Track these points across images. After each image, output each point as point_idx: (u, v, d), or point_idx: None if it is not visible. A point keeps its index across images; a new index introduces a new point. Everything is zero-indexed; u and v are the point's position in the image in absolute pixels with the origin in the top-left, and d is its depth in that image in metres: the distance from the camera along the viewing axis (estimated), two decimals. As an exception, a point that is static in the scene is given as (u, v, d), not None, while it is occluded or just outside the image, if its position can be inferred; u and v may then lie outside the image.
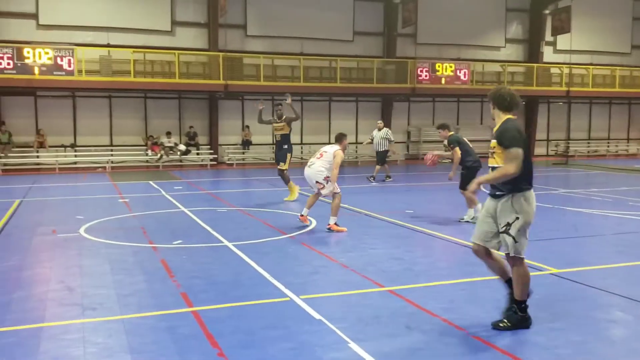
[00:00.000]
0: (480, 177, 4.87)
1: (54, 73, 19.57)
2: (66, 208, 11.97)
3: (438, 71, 24.78)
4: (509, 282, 4.84)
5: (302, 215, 9.58)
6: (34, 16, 21.13)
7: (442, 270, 6.93)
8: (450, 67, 24.99)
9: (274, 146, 14.32)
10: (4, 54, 19.11)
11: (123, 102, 22.49)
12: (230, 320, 5.06)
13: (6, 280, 6.41)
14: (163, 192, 14.16)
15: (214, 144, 23.40)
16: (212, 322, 4.98)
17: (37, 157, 21.01)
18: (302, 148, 24.88)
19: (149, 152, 21.99)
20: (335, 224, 9.07)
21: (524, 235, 4.61)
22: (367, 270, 6.63)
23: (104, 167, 21.12)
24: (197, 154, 22.88)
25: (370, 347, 4.40)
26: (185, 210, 11.26)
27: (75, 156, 21.63)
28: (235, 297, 5.71)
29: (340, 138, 9.40)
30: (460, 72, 25.11)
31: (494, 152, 4.73)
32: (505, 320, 4.74)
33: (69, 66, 19.72)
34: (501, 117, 4.79)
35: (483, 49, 27.70)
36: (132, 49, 21.01)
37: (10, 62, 19.16)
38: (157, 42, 22.34)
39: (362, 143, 21.06)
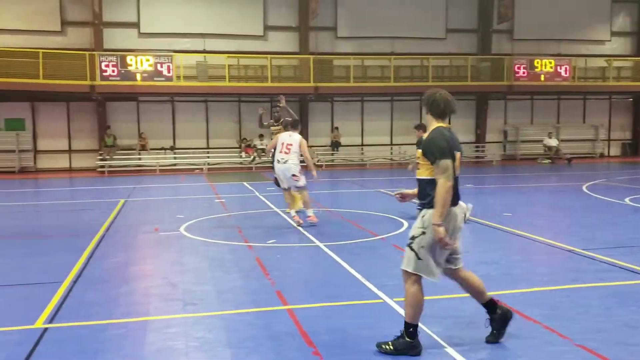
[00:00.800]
0: (434, 215, 4.07)
1: (155, 79, 20.62)
2: (167, 207, 12.54)
3: (537, 68, 23.77)
4: (486, 305, 4.43)
5: (294, 216, 9.80)
6: (136, 25, 22.38)
7: (542, 275, 6.60)
8: (550, 63, 23.89)
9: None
10: (109, 62, 20.38)
11: (218, 106, 23.32)
12: (325, 320, 5.08)
13: (114, 275, 6.80)
14: (256, 193, 14.52)
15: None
16: (307, 320, 5.01)
17: (139, 159, 22.21)
18: (391, 149, 24.72)
19: (243, 154, 22.66)
20: (313, 215, 9.67)
21: (432, 255, 4.12)
22: (463, 274, 6.44)
23: (201, 169, 21.98)
24: (288, 155, 23.23)
25: (467, 352, 4.26)
26: (278, 210, 11.47)
27: (175, 158, 22.67)
28: (329, 296, 5.72)
29: (296, 124, 9.85)
30: (560, 68, 23.95)
31: (418, 163, 4.27)
32: (390, 343, 4.23)
33: (168, 72, 20.71)
34: (432, 125, 4.25)
35: (586, 43, 26.26)
36: (226, 55, 21.74)
37: (115, 69, 20.40)
38: (250, 47, 22.98)
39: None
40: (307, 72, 22.11)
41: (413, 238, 4.17)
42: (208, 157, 22.80)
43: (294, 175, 9.58)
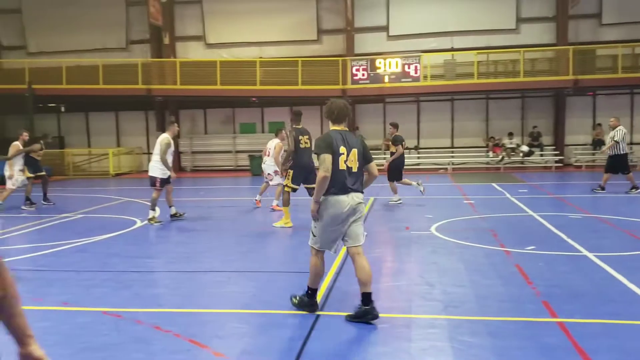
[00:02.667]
0: (313, 196, 5.16)
1: (402, 80, 21.04)
2: (415, 207, 12.64)
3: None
4: (363, 295, 5.07)
5: (273, 205, 11.97)
6: (385, 28, 23.11)
7: None
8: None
9: None
10: (360, 66, 21.38)
11: (464, 104, 22.88)
12: (604, 338, 4.53)
13: (372, 270, 7.01)
14: (507, 195, 13.83)
15: (559, 145, 21.98)
16: (583, 337, 4.53)
17: (384, 158, 22.82)
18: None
19: (490, 153, 21.87)
20: (277, 205, 11.66)
21: (320, 231, 5.13)
22: None
23: (445, 169, 21.80)
24: (541, 155, 21.80)
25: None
26: (534, 214, 10.73)
27: (418, 158, 22.87)
28: (606, 313, 5.11)
29: (276, 132, 12.08)
30: None
31: None
32: (297, 297, 5.36)
33: (415, 73, 20.94)
34: (330, 128, 5.25)
35: None
36: (475, 51, 21.19)
37: (365, 73, 21.32)
38: (500, 41, 22.06)
39: None
40: (565, 65, 20.41)
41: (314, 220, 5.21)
42: (452, 156, 22.52)
43: (269, 174, 12.12)
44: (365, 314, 5.01)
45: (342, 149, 5.02)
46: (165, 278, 6.76)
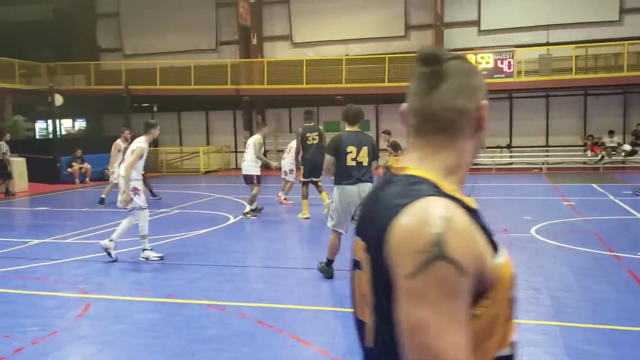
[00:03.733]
0: None
1: (494, 76, 20.33)
2: (511, 208, 12.18)
3: None
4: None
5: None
6: (476, 23, 22.44)
7: None
8: None
9: None
10: (450, 62, 20.88)
11: (560, 101, 21.81)
12: None
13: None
14: (610, 197, 13.02)
15: (666, 144, 20.50)
16: None
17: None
18: None
19: (589, 152, 20.73)
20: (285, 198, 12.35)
21: (335, 216, 6.00)
22: None
23: (540, 168, 20.89)
24: (645, 154, 20.41)
25: None
26: (643, 217, 10.05)
27: (511, 157, 22.06)
28: None
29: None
30: None
31: None
32: (321, 264, 6.31)
33: (509, 68, 20.19)
34: (346, 129, 6.11)
35: None
36: (573, 45, 20.15)
37: (455, 69, 20.78)
38: (601, 34, 20.83)
39: None
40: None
41: (329, 204, 6.35)
42: (547, 155, 21.54)
43: (284, 170, 11.95)
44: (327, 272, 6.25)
45: (351, 148, 5.92)
46: (265, 273, 6.85)
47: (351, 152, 5.86)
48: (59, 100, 23.06)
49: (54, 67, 25.07)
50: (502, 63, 20.24)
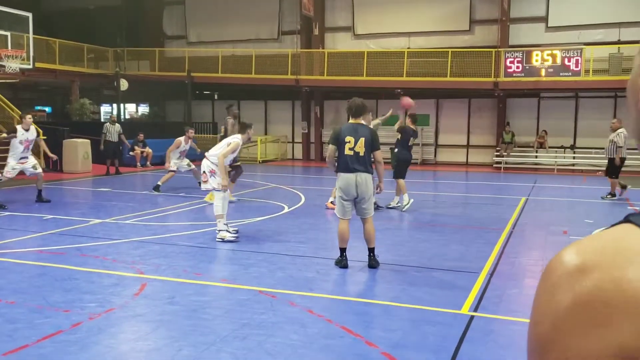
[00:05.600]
0: None
1: (560, 74, 19.64)
2: (572, 210, 11.78)
3: None
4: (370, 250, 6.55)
5: None
6: (544, 19, 21.68)
7: None
8: None
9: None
10: (514, 58, 20.28)
11: (630, 102, 20.84)
12: None
13: (530, 274, 6.58)
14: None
15: None
16: None
17: (536, 157, 21.58)
18: None
19: (658, 156, 19.76)
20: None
21: (338, 203, 6.55)
22: None
23: (603, 171, 20.03)
24: None
25: None
26: None
27: (574, 158, 21.28)
28: None
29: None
30: None
31: None
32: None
33: (576, 67, 19.44)
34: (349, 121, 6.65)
35: None
36: (647, 44, 19.20)
37: (520, 65, 20.18)
38: (679, 32, 19.78)
39: None
40: None
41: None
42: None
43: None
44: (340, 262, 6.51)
45: (349, 138, 6.33)
46: (316, 263, 6.85)
47: (349, 142, 6.31)
48: (124, 84, 23.76)
49: (121, 53, 25.87)
50: (569, 61, 19.50)
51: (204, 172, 8.12)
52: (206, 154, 8.31)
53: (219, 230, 7.87)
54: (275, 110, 26.30)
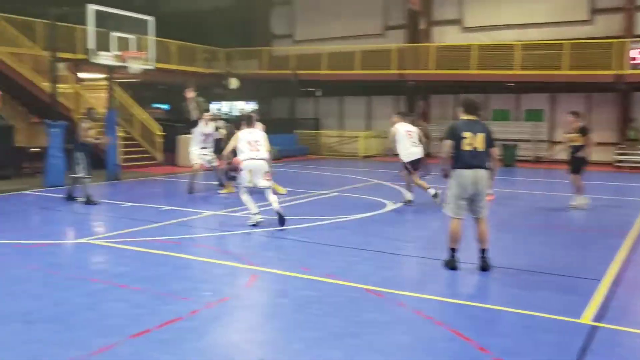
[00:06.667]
0: None
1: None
2: None
3: None
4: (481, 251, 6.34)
5: None
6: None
7: None
8: None
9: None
10: None
11: None
12: None
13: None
14: None
15: None
16: None
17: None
18: None
19: None
20: None
21: (452, 201, 6.30)
22: None
23: None
24: None
25: None
26: None
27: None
28: None
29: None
30: None
31: None
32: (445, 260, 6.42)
33: None
34: (461, 117, 6.48)
35: None
36: None
37: (644, 57, 18.68)
38: None
39: None
40: None
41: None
42: None
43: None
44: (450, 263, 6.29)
45: (466, 134, 6.19)
46: (424, 264, 6.73)
47: (466, 138, 6.18)
48: (234, 83, 24.69)
49: (231, 53, 26.86)
50: None
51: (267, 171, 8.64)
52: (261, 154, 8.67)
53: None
54: (378, 106, 26.18)
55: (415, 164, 10.71)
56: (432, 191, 10.42)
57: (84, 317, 4.76)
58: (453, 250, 6.31)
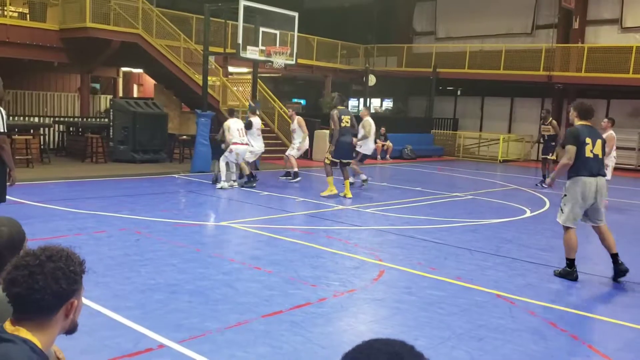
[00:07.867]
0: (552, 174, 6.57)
1: None
2: None
3: None
4: (612, 256, 6.05)
5: None
6: None
7: None
8: None
9: None
10: None
11: None
12: None
13: None
14: None
15: None
16: None
17: None
18: None
19: None
20: None
21: (568, 209, 6.04)
22: None
23: None
24: None
25: None
26: None
27: None
28: None
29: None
30: None
31: None
32: (560, 270, 6.18)
33: None
34: (576, 123, 6.23)
35: None
36: None
37: None
38: None
39: None
40: None
41: (562, 198, 6.21)
42: None
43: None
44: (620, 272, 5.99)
45: (588, 140, 5.98)
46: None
47: (589, 144, 5.99)
48: (372, 80, 24.86)
49: (371, 49, 27.07)
50: None
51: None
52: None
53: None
54: (521, 108, 25.03)
55: None
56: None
57: (222, 292, 5.12)
58: (572, 260, 6.10)
